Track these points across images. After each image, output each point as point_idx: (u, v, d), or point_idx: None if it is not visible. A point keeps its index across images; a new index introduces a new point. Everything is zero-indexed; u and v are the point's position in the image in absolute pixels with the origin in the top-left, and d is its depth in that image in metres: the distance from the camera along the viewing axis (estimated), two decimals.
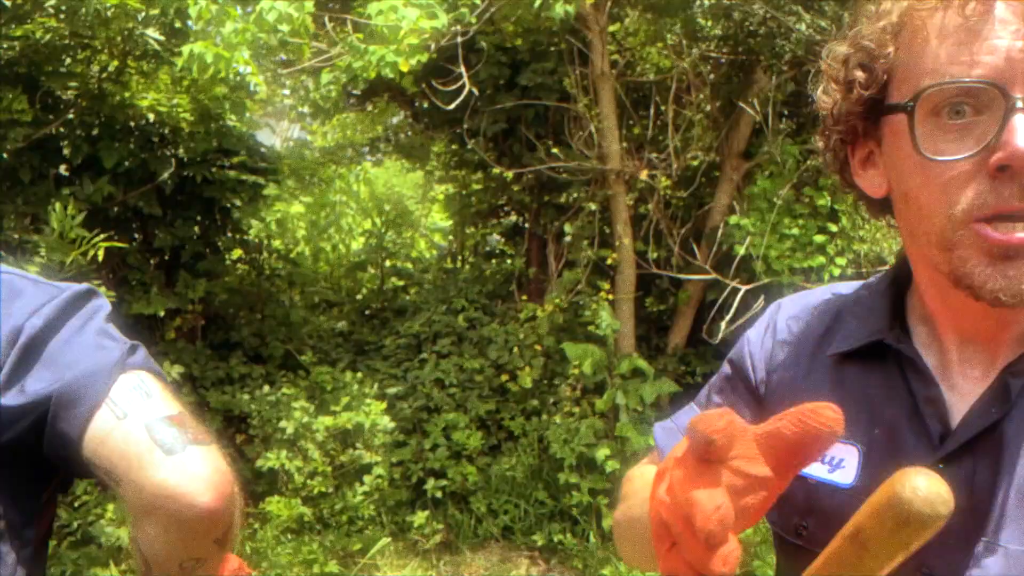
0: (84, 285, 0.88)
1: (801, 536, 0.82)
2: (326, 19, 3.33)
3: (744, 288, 4.14)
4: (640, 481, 0.88)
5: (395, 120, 6.76)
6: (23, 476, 0.81)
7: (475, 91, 3.61)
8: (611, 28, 5.16)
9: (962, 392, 0.77)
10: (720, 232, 4.52)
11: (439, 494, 4.19)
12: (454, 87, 3.58)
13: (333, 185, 6.89)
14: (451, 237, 6.79)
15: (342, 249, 6.64)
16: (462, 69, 3.55)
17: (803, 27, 4.28)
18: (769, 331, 0.91)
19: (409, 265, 6.69)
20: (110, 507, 3.40)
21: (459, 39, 3.52)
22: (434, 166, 6.25)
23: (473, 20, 3.52)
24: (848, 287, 0.90)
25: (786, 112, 4.87)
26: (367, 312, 6.07)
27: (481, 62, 4.93)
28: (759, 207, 4.50)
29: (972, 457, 0.74)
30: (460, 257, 6.58)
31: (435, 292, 5.74)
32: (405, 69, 3.22)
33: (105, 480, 0.79)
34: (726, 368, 0.93)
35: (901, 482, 0.48)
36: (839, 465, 0.82)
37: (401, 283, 6.38)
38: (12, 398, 0.78)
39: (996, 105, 0.66)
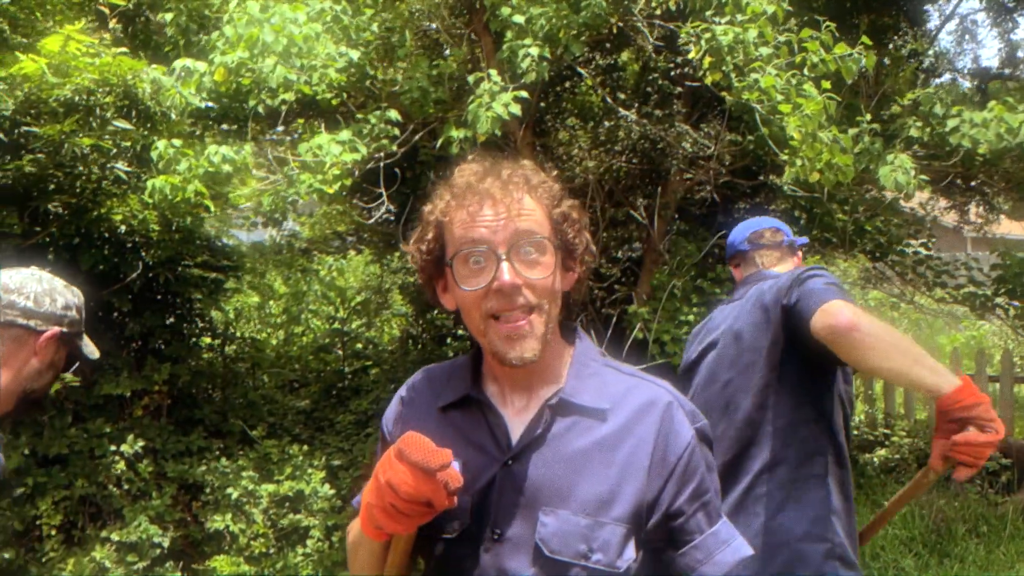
0: None
1: (425, 531, 1.27)
2: (269, 151, 4.05)
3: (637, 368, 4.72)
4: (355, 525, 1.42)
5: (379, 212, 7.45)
6: None
7: (392, 208, 4.28)
8: (539, 141, 5.90)
9: (517, 418, 1.31)
10: (614, 318, 5.14)
11: None
12: (375, 204, 4.28)
13: (315, 274, 7.56)
14: (411, 321, 7.42)
15: (310, 335, 7.26)
16: (382, 189, 4.25)
17: (688, 145, 5.00)
18: (397, 399, 1.44)
19: (373, 347, 7.28)
20: (70, 561, 3.94)
21: (382, 164, 4.23)
22: (390, 257, 6.94)
23: (394, 148, 4.23)
24: (454, 360, 1.45)
25: (676, 215, 5.55)
26: (332, 391, 6.63)
27: (421, 171, 5.67)
28: (659, 296, 5.14)
29: (527, 457, 1.27)
30: (420, 340, 7.19)
31: (388, 373, 6.33)
32: (331, 192, 3.93)
33: None
34: (381, 433, 1.50)
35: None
36: None
37: (367, 364, 6.93)
38: None
39: (492, 257, 1.23)
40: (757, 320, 2.31)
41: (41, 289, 1.78)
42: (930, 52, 8.22)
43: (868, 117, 4.37)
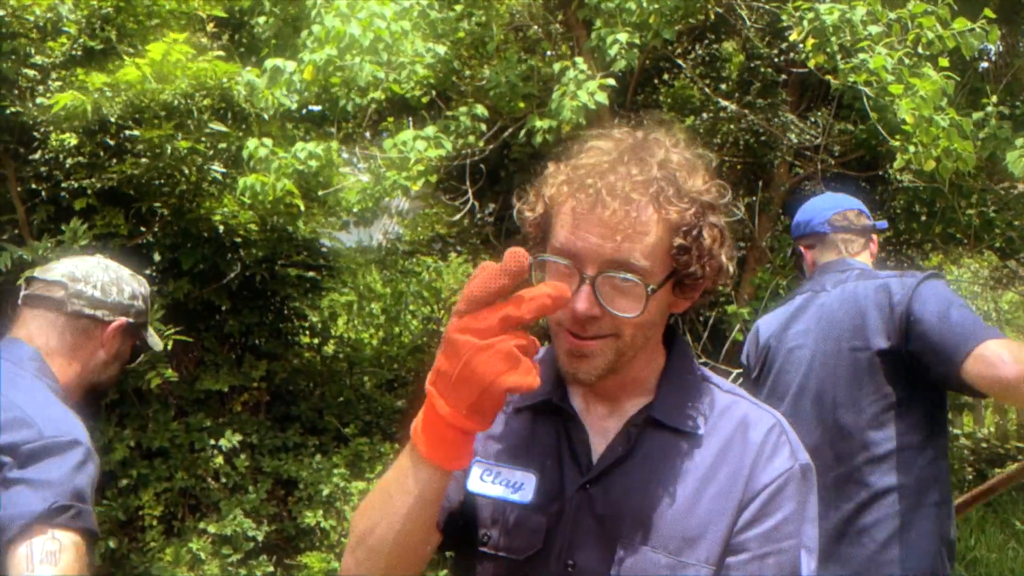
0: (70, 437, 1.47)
1: (485, 544, 1.12)
2: (357, 149, 4.06)
3: (736, 371, 4.49)
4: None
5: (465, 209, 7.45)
6: None
7: (476, 204, 4.23)
8: None
9: (600, 435, 1.13)
10: (712, 319, 4.91)
11: None
12: (462, 200, 4.23)
13: (415, 275, 7.63)
14: None
15: (407, 336, 7.31)
16: (468, 186, 4.20)
17: (793, 135, 4.72)
18: None
19: None
20: (169, 550, 4.06)
21: (468, 160, 4.18)
22: (485, 257, 6.90)
23: (480, 144, 4.17)
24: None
25: (781, 210, 5.25)
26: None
27: (515, 169, 5.60)
28: (761, 296, 4.87)
29: (608, 480, 1.10)
30: None
31: None
32: (415, 188, 3.90)
33: None
34: None
35: None
36: (520, 487, 1.11)
37: None
38: None
39: (577, 275, 1.03)
40: (869, 328, 2.08)
41: (108, 278, 1.74)
42: None
43: (994, 99, 3.99)
